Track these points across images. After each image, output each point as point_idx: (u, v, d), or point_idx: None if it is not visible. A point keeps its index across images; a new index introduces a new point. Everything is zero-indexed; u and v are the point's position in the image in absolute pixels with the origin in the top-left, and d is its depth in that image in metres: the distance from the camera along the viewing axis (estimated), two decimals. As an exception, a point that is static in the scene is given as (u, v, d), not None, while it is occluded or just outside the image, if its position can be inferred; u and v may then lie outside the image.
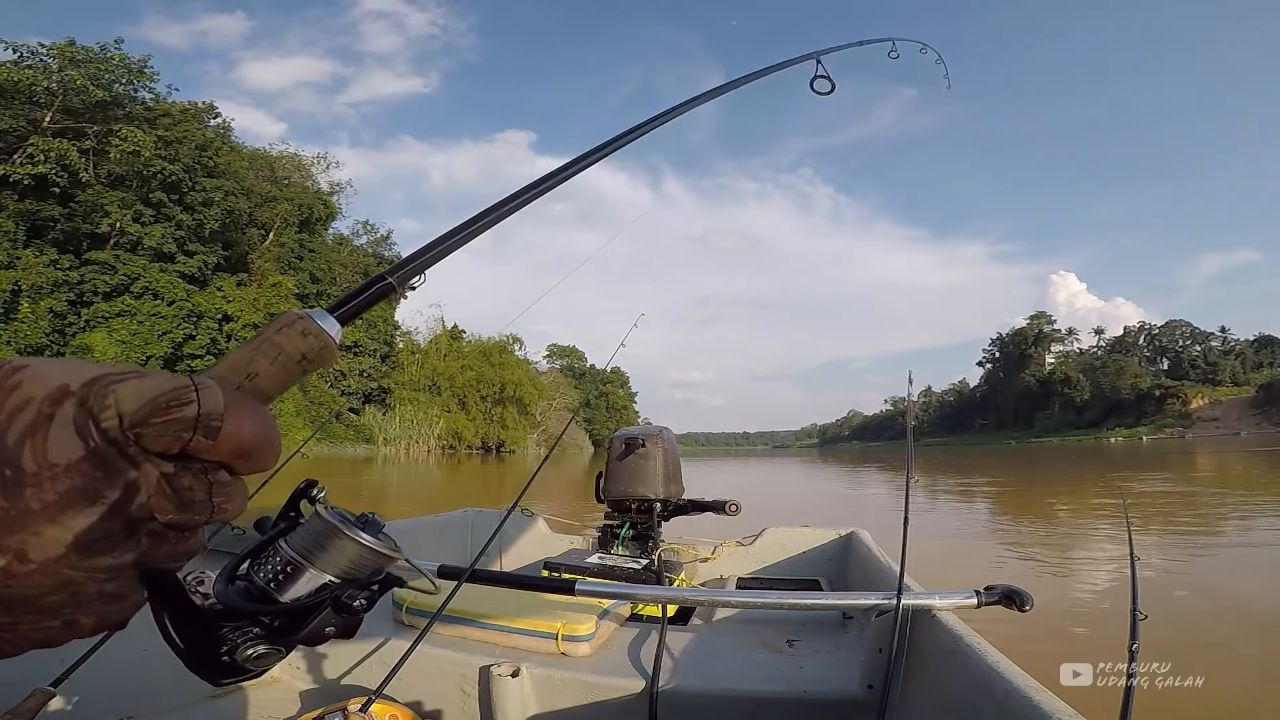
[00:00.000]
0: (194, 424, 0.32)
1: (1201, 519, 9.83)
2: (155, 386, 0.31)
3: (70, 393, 0.30)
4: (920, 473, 22.87)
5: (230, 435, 0.33)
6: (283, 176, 56.88)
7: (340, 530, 0.43)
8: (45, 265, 34.20)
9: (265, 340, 0.40)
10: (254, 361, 0.39)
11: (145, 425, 0.31)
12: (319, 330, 0.42)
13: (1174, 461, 28.18)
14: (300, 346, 0.41)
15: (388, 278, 0.53)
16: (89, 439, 0.30)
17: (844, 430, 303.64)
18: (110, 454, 0.31)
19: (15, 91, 34.88)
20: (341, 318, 0.46)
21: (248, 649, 0.41)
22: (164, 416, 0.31)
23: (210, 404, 0.32)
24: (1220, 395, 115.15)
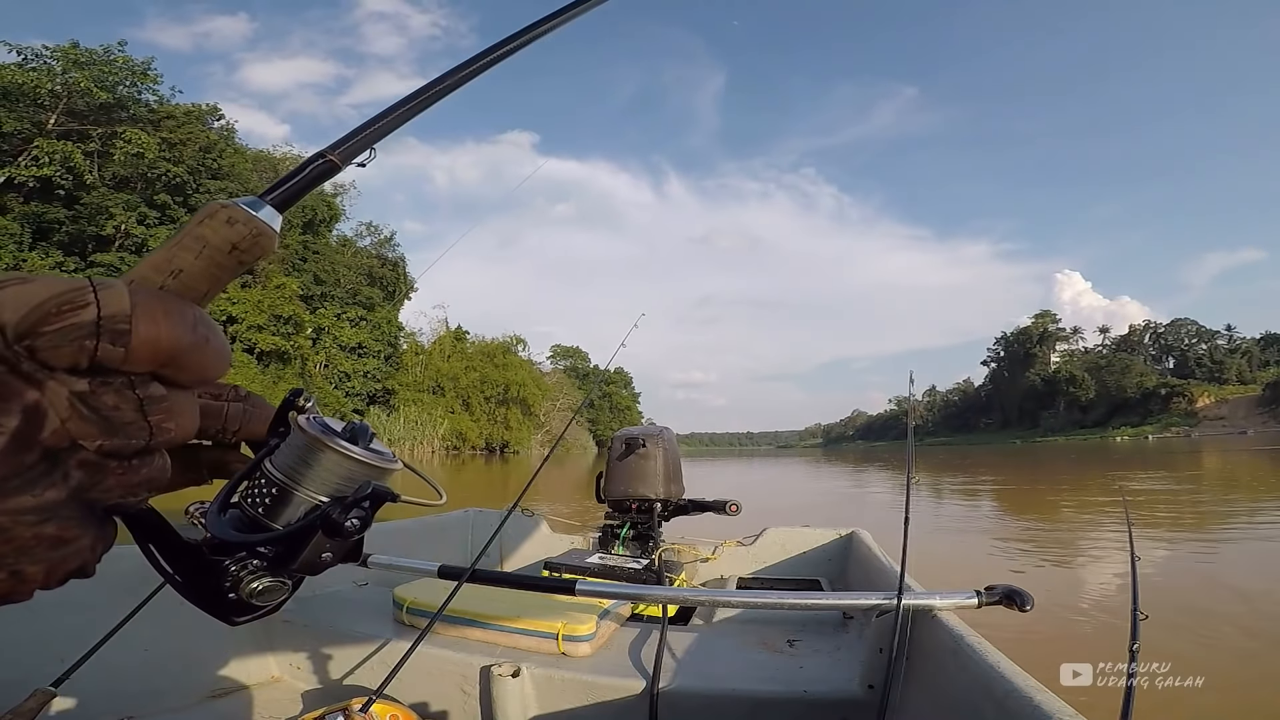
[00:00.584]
0: (94, 329, 0.28)
1: (1205, 518, 9.80)
2: (42, 290, 0.28)
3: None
4: (923, 472, 22.84)
5: (146, 338, 0.29)
6: (286, 178, 56.98)
7: (323, 442, 0.39)
8: (51, 268, 34.33)
9: (186, 234, 0.36)
10: (176, 257, 0.35)
11: (35, 335, 0.27)
12: (248, 217, 0.38)
13: (1180, 460, 28.07)
14: (228, 236, 0.37)
15: (328, 154, 0.48)
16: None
17: (848, 430, 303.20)
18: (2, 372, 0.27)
19: (20, 94, 35.00)
20: (277, 202, 0.42)
21: (251, 582, 0.38)
22: (56, 323, 0.27)
23: (113, 305, 0.28)
24: (1227, 394, 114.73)
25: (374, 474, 0.41)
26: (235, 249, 0.37)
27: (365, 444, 0.41)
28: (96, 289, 0.28)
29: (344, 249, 59.87)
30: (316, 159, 0.48)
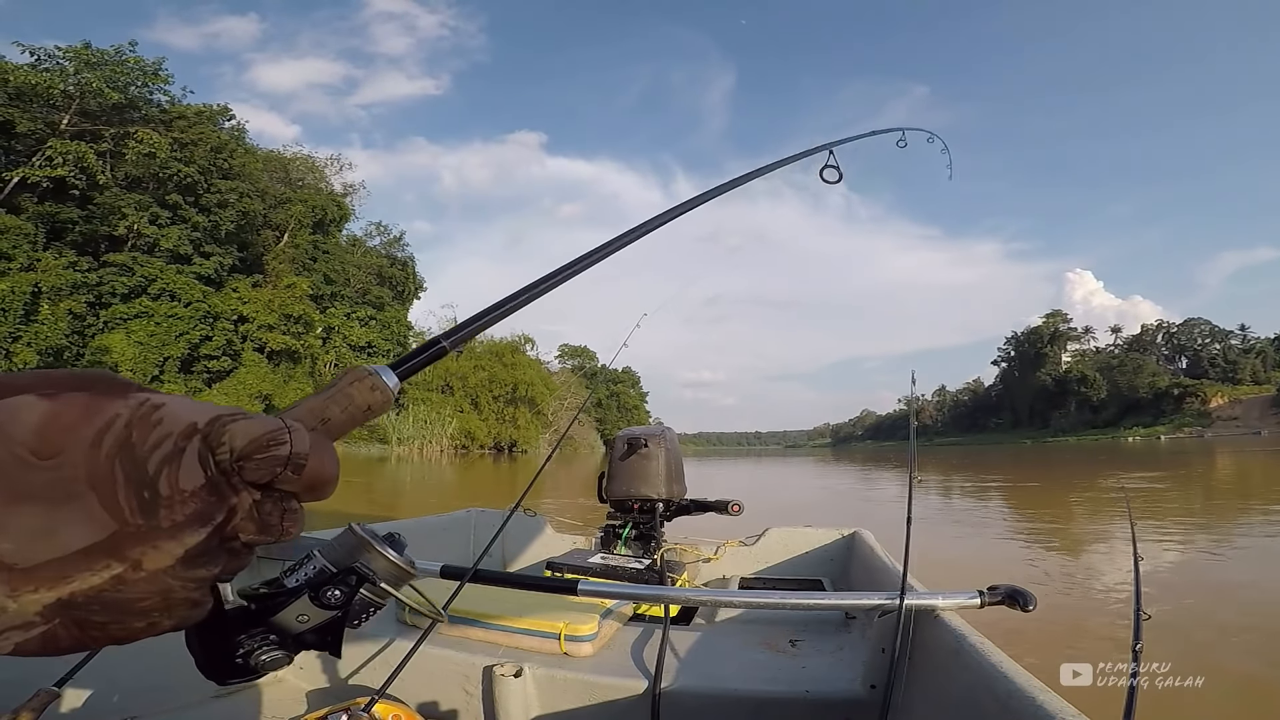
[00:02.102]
0: (286, 461, 0.37)
1: (1213, 519, 9.73)
2: (259, 427, 0.37)
3: (198, 429, 0.35)
4: (931, 472, 22.74)
5: (312, 472, 0.39)
6: (296, 178, 57.31)
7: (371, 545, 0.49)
8: (64, 267, 34.62)
9: (340, 391, 0.46)
10: (328, 409, 0.45)
11: (249, 459, 0.36)
12: (385, 386, 0.48)
13: (1192, 461, 27.86)
14: (368, 399, 0.47)
15: (442, 342, 0.59)
16: (208, 469, 0.35)
17: (857, 430, 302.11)
18: (222, 483, 0.36)
19: (33, 95, 35.34)
20: (401, 374, 0.52)
21: (263, 654, 0.45)
22: (265, 453, 0.36)
23: (300, 445, 0.38)
24: (1240, 394, 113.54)
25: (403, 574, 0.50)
26: (369, 409, 0.48)
27: (399, 552, 0.50)
28: (291, 431, 0.38)
29: (354, 249, 60.18)
30: (432, 344, 0.60)
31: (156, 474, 0.34)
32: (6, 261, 32.23)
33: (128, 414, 0.34)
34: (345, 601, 0.48)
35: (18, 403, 0.33)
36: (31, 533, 0.31)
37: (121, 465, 0.33)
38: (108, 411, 0.34)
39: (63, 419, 0.33)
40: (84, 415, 0.33)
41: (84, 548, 0.32)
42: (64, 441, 0.32)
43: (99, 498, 0.32)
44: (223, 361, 41.55)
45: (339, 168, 63.08)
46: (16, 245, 32.75)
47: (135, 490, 0.33)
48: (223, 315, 41.65)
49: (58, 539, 0.32)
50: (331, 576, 0.48)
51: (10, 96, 34.59)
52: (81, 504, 0.32)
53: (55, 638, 0.33)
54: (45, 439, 0.32)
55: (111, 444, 0.33)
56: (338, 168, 62.94)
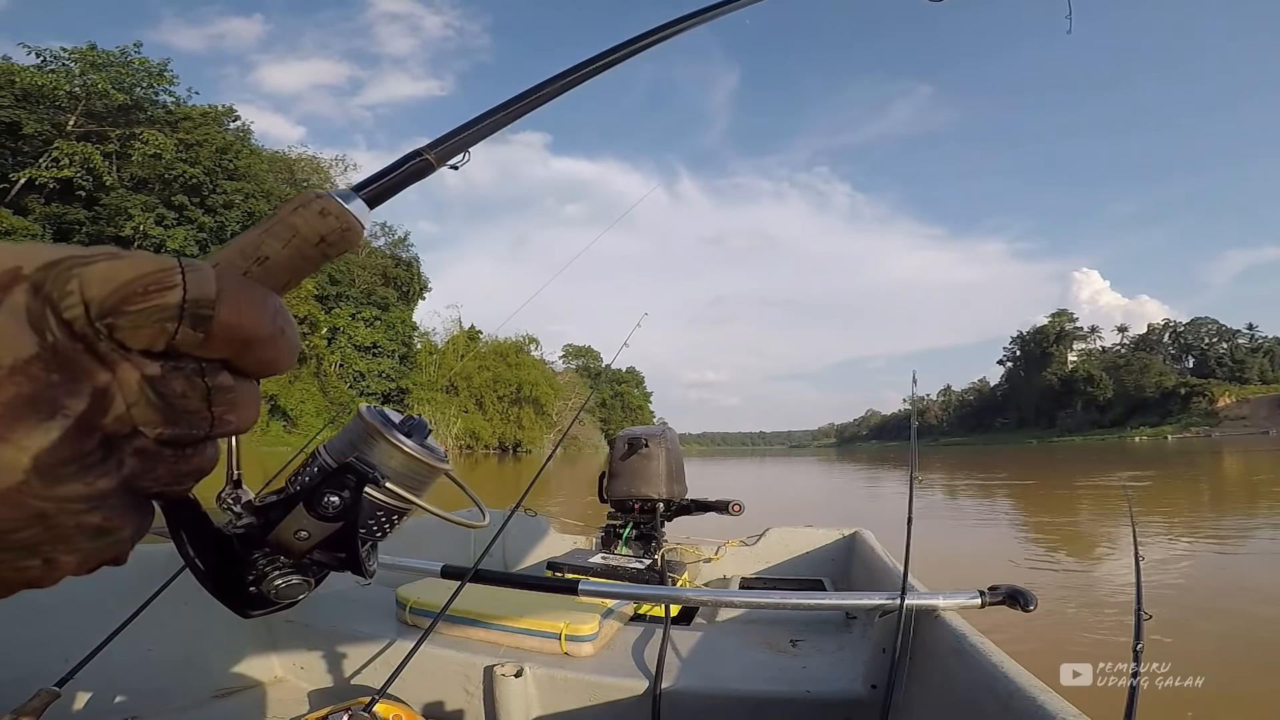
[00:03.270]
0: (179, 311, 0.26)
1: (1215, 518, 9.71)
2: (131, 268, 0.26)
3: (23, 276, 0.24)
4: (936, 472, 22.74)
5: (226, 325, 0.28)
6: (301, 179, 57.50)
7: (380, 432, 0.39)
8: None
9: (279, 221, 0.36)
10: (264, 244, 0.34)
11: (119, 314, 0.25)
12: (341, 210, 0.37)
13: (1198, 461, 27.78)
14: (319, 228, 0.36)
15: (424, 153, 0.46)
16: (46, 332, 0.24)
17: (862, 430, 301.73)
18: (74, 351, 0.25)
19: (40, 96, 35.59)
20: (369, 198, 0.41)
21: (277, 579, 0.38)
22: (141, 303, 0.26)
23: (199, 288, 0.27)
24: (1248, 393, 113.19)
25: (424, 470, 0.41)
26: (323, 241, 0.36)
27: (420, 439, 0.40)
28: (184, 270, 0.27)
29: (359, 249, 60.32)
30: (413, 156, 0.47)
31: None
32: (14, 262, 32.45)
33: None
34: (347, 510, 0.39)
35: None
36: None
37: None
38: None
39: None
40: None
41: None
42: None
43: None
44: (229, 362, 41.69)
45: (344, 169, 63.28)
46: (24, 246, 32.96)
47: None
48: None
49: None
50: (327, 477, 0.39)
51: (17, 98, 34.82)
52: None
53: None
54: None
55: None
56: (343, 169, 63.12)
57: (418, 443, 0.40)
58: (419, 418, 0.42)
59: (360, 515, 0.39)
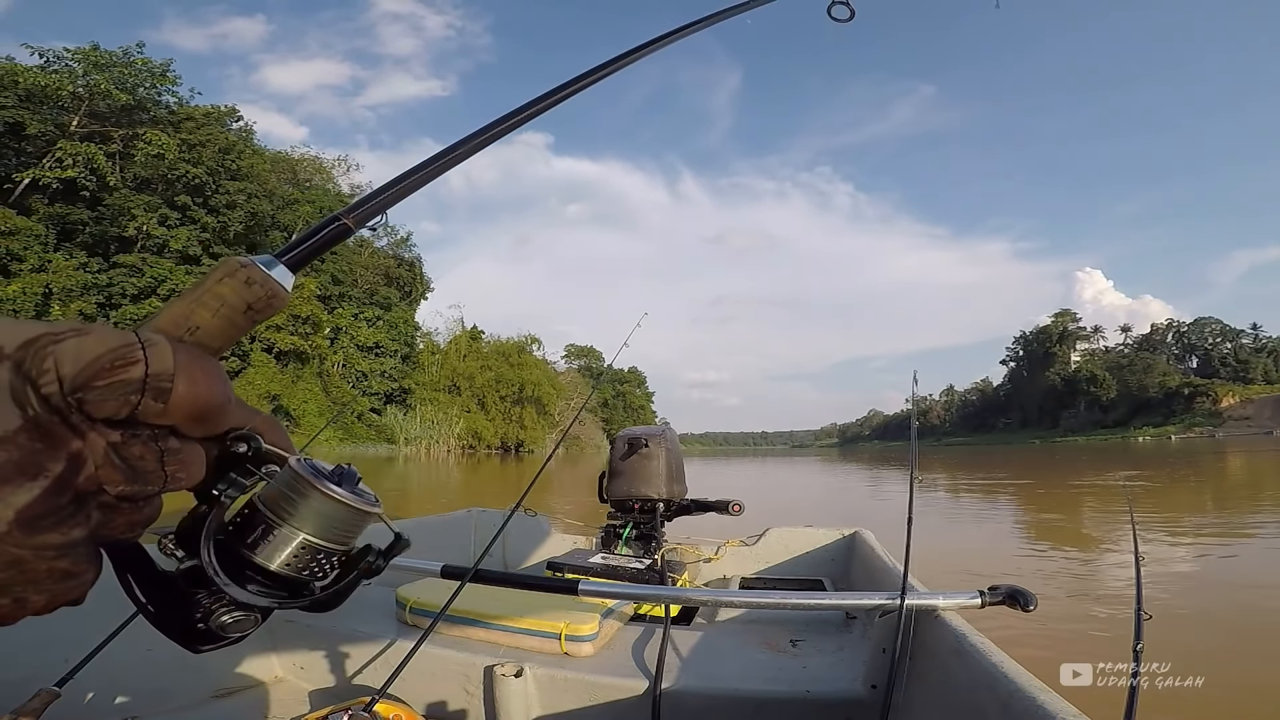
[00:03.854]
0: (141, 385, 0.30)
1: (1217, 518, 9.70)
2: (97, 345, 0.29)
3: (5, 355, 0.28)
4: (938, 472, 22.71)
5: (183, 397, 0.31)
6: (304, 179, 57.66)
7: (310, 484, 0.40)
8: (75, 268, 34.89)
9: (206, 291, 0.37)
10: (194, 314, 0.37)
11: (88, 389, 0.29)
12: (264, 278, 0.39)
13: (1201, 461, 27.68)
14: (245, 296, 0.38)
15: (342, 218, 0.49)
16: (27, 407, 0.28)
17: (864, 430, 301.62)
18: (51, 423, 0.29)
19: (43, 96, 35.64)
20: (291, 263, 0.43)
21: (222, 615, 0.39)
22: (108, 379, 0.29)
23: (159, 363, 0.30)
24: (1252, 393, 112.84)
25: (357, 515, 0.42)
26: (250, 309, 0.39)
27: (351, 487, 0.42)
28: (145, 346, 0.30)
29: (361, 249, 60.38)
30: (331, 222, 0.49)
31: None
32: (18, 263, 32.54)
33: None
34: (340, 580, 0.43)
35: None
36: None
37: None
38: None
39: None
40: None
41: None
42: None
43: None
44: (231, 362, 41.73)
45: (346, 169, 63.52)
46: (27, 246, 33.04)
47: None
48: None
49: None
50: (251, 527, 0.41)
51: (20, 98, 34.90)
52: None
53: None
54: None
55: None
56: (345, 169, 63.38)
57: (348, 489, 0.41)
58: (349, 467, 0.43)
59: None
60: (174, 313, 0.36)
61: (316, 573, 0.42)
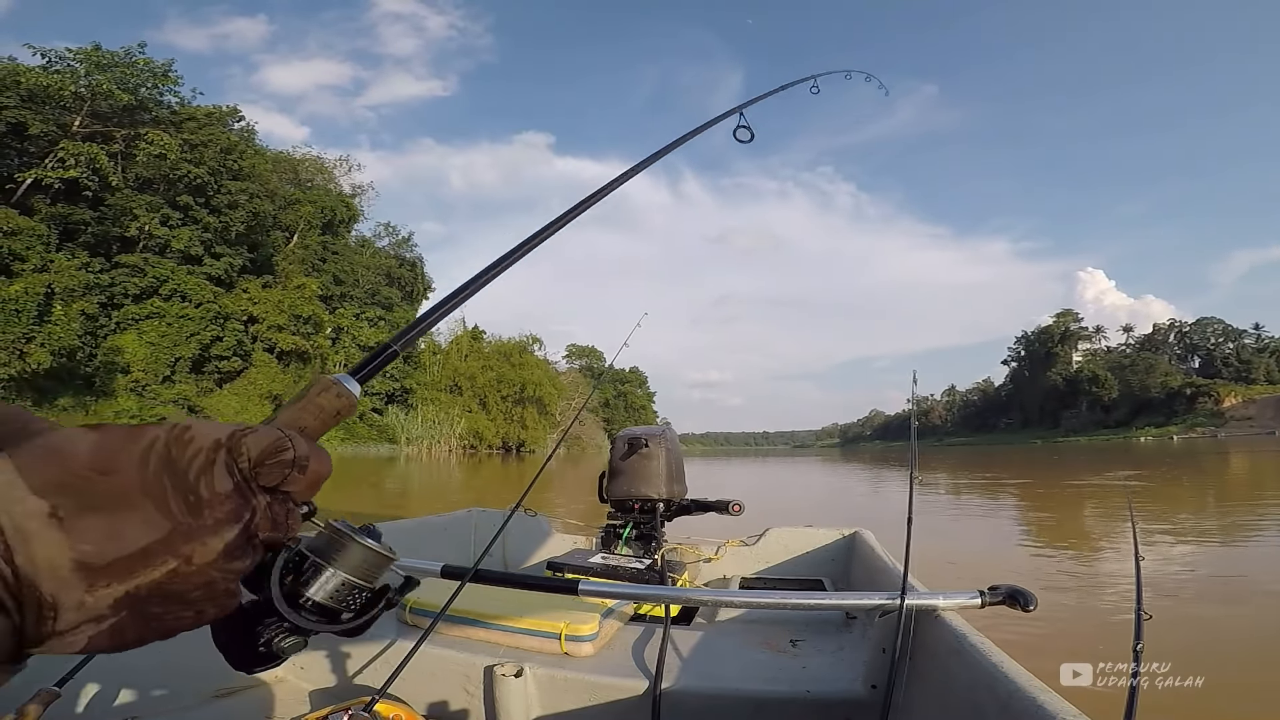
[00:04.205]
0: (293, 463, 0.44)
1: (1218, 518, 9.69)
2: (268, 437, 0.44)
3: (222, 444, 0.42)
4: (939, 472, 22.69)
5: (313, 472, 0.46)
6: (306, 179, 57.69)
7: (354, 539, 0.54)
8: (77, 268, 34.88)
9: (310, 401, 0.52)
10: (301, 417, 0.51)
11: (263, 465, 0.43)
12: (349, 392, 0.54)
13: (1203, 461, 27.65)
14: (335, 405, 0.53)
15: (393, 345, 0.64)
16: (235, 475, 0.42)
17: (866, 430, 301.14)
18: (245, 487, 0.42)
19: (45, 96, 35.60)
20: (361, 379, 0.58)
21: (282, 641, 0.51)
22: (275, 459, 0.43)
23: (301, 449, 0.45)
24: (1254, 393, 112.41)
25: (382, 561, 0.56)
26: (338, 414, 0.53)
27: (377, 540, 0.56)
28: (292, 439, 0.45)
29: (363, 249, 60.51)
30: (384, 349, 0.65)
31: (196, 481, 0.40)
32: (20, 263, 32.50)
33: (164, 435, 0.41)
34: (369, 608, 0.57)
35: (71, 433, 0.40)
36: (103, 535, 0.37)
37: (167, 476, 0.40)
38: (148, 435, 0.41)
39: (112, 442, 0.40)
40: (128, 438, 0.40)
41: (145, 545, 0.38)
42: (117, 460, 0.39)
43: (153, 504, 0.39)
44: (233, 362, 41.83)
45: (348, 169, 63.60)
46: (30, 246, 33.01)
47: (181, 495, 0.40)
48: (233, 316, 41.94)
49: (124, 539, 0.38)
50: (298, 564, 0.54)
51: (23, 98, 34.88)
52: (139, 510, 0.38)
53: (121, 630, 0.38)
54: (100, 458, 0.39)
55: (156, 460, 0.40)
56: (346, 169, 63.45)
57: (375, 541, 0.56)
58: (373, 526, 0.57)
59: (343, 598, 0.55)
60: (288, 417, 0.51)
61: (349, 604, 0.55)
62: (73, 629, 0.37)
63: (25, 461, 0.37)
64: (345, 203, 58.27)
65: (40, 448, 0.38)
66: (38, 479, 0.37)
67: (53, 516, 0.36)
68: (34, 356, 31.11)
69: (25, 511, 0.35)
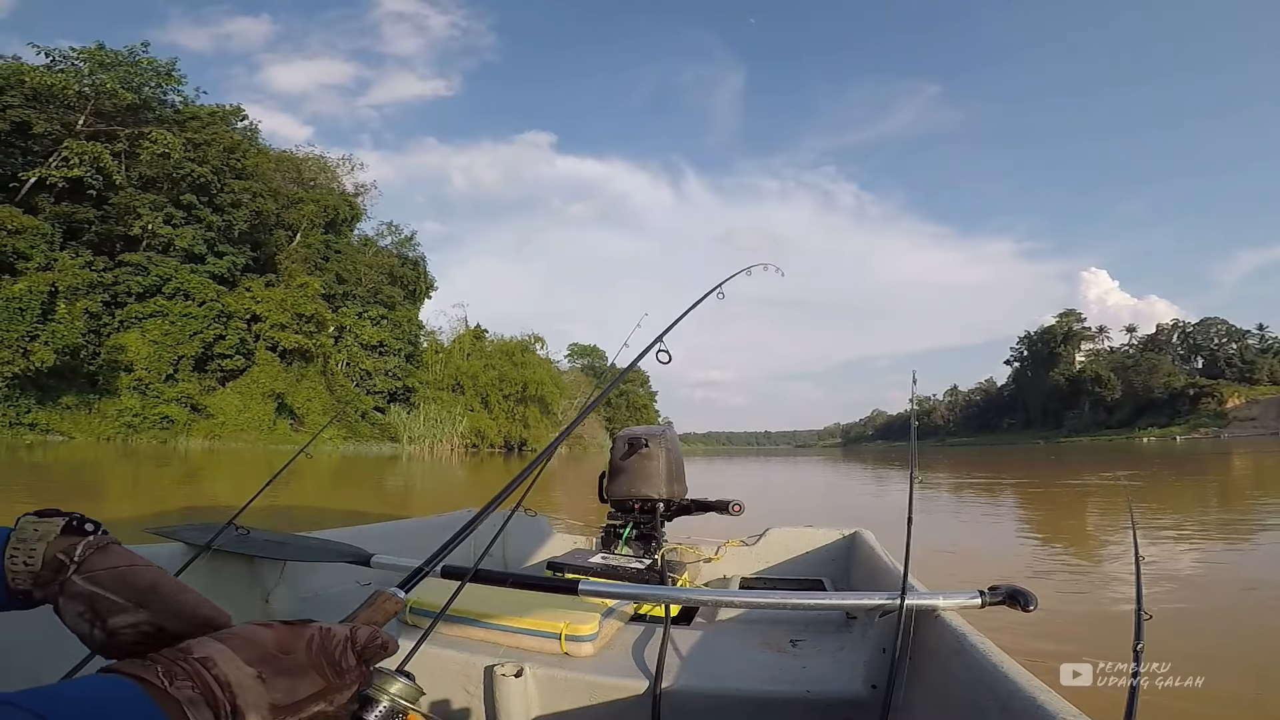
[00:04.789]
0: (384, 648, 0.64)
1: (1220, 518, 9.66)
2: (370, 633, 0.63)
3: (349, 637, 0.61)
4: (941, 472, 22.67)
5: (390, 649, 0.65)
6: (308, 178, 57.68)
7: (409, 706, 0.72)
8: (81, 267, 34.94)
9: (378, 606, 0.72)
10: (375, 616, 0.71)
11: (368, 649, 0.62)
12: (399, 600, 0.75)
13: (1206, 461, 27.59)
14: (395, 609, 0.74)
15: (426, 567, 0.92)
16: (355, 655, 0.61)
17: (867, 430, 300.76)
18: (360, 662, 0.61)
19: (49, 95, 35.71)
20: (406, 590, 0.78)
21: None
22: (373, 644, 0.62)
23: (386, 639, 0.65)
24: (1258, 394, 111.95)
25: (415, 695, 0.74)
26: (393, 613, 0.73)
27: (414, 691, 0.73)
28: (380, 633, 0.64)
29: (365, 248, 60.46)
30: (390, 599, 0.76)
31: (338, 659, 0.59)
32: (24, 261, 32.58)
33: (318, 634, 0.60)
34: None
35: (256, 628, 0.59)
36: (287, 689, 0.55)
37: (324, 656, 0.59)
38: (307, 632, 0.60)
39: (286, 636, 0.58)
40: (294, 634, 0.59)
41: (310, 694, 0.56)
42: (291, 646, 0.58)
43: (316, 672, 0.57)
44: (236, 360, 41.85)
45: (350, 168, 63.53)
46: (34, 245, 33.09)
47: (332, 668, 0.59)
48: (236, 314, 41.96)
49: (298, 692, 0.56)
50: None
51: (27, 97, 34.99)
52: (308, 676, 0.57)
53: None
54: (281, 645, 0.57)
55: (315, 647, 0.59)
56: (349, 168, 63.39)
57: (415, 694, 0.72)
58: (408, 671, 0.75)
59: None
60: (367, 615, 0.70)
61: None
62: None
63: (235, 644, 0.55)
64: (348, 202, 58.31)
65: (240, 635, 0.57)
66: (246, 655, 0.55)
67: (259, 678, 0.54)
68: (38, 355, 31.20)
69: (243, 674, 0.53)
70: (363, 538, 2.39)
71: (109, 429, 34.70)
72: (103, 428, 34.45)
